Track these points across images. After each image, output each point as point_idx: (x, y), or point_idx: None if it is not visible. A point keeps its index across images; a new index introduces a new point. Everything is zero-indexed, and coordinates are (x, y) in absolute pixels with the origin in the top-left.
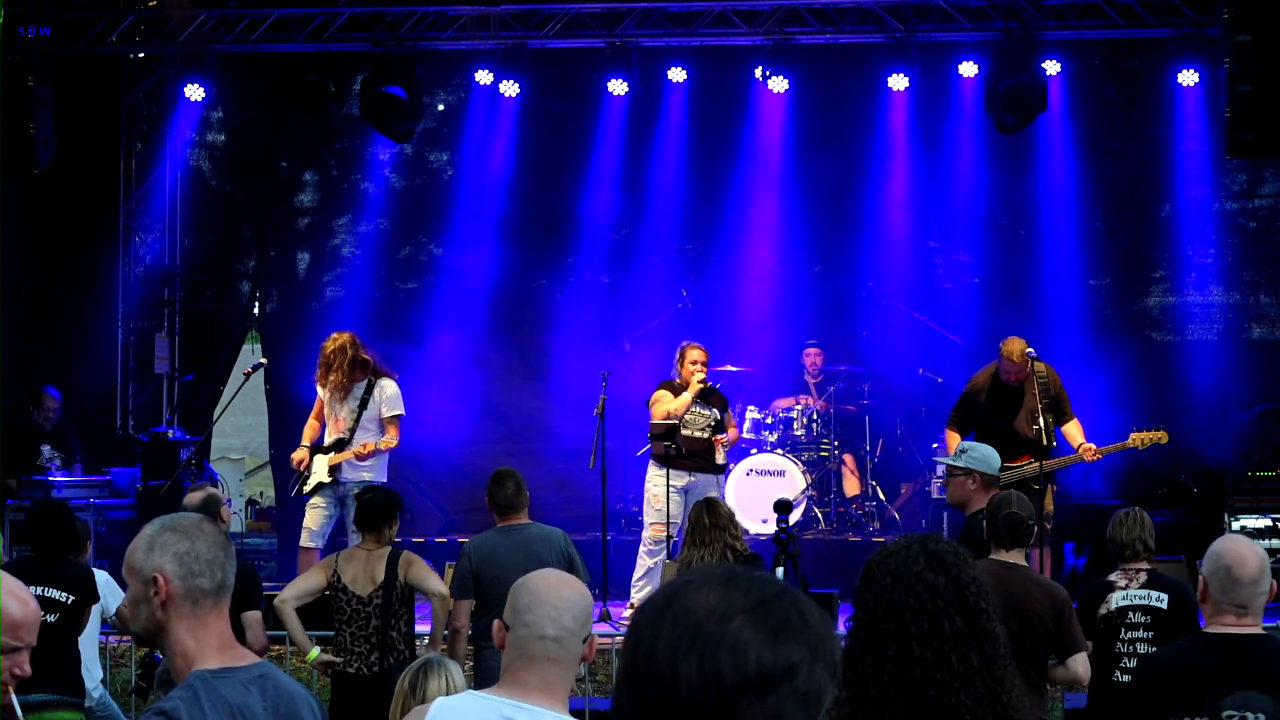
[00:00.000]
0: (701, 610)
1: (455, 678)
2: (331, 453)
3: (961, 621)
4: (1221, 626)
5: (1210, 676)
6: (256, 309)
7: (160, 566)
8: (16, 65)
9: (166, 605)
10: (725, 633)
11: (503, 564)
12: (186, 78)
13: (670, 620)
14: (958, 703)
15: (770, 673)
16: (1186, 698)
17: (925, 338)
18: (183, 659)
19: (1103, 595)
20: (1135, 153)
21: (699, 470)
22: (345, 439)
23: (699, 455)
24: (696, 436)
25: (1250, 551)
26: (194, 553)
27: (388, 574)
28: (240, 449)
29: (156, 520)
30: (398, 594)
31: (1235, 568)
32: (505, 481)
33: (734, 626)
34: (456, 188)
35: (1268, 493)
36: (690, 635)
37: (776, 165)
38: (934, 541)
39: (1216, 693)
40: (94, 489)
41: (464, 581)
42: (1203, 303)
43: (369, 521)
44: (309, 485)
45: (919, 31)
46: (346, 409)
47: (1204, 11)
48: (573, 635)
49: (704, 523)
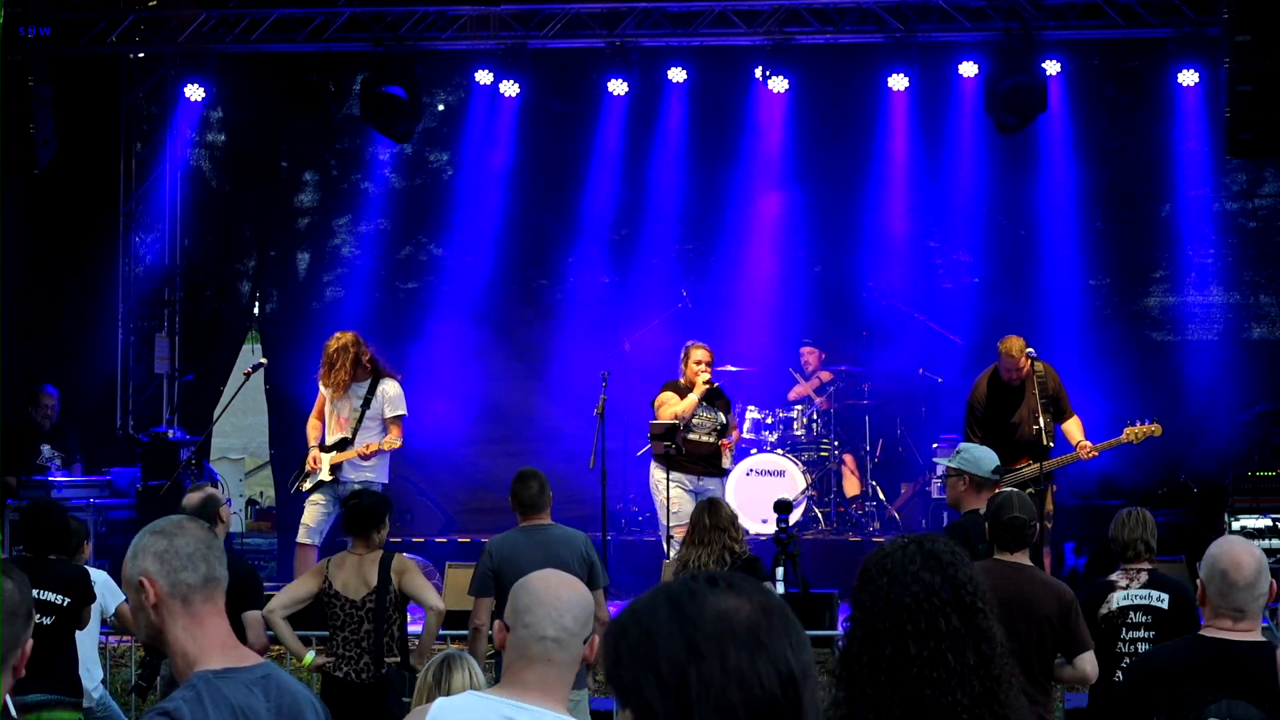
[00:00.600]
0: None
1: (478, 674)
2: (334, 451)
3: (958, 620)
4: (1217, 630)
5: (1200, 681)
6: (256, 309)
7: (144, 570)
8: (16, 65)
9: (158, 607)
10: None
11: (523, 564)
12: (186, 78)
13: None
14: (954, 701)
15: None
16: (1173, 700)
17: (925, 338)
18: (184, 660)
19: (1104, 595)
20: (1135, 153)
21: (705, 474)
22: (348, 438)
23: (704, 460)
24: (702, 441)
25: (1246, 554)
26: (172, 549)
27: (380, 579)
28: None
29: (142, 530)
30: (391, 599)
31: (1231, 572)
32: (529, 481)
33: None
34: (456, 188)
35: (1268, 493)
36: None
37: (776, 165)
38: (930, 541)
39: (1203, 698)
40: (94, 489)
41: (485, 580)
42: (1203, 303)
43: (357, 527)
44: (310, 482)
45: (919, 31)
46: (349, 408)
47: (1204, 11)
48: (573, 636)
49: (704, 523)
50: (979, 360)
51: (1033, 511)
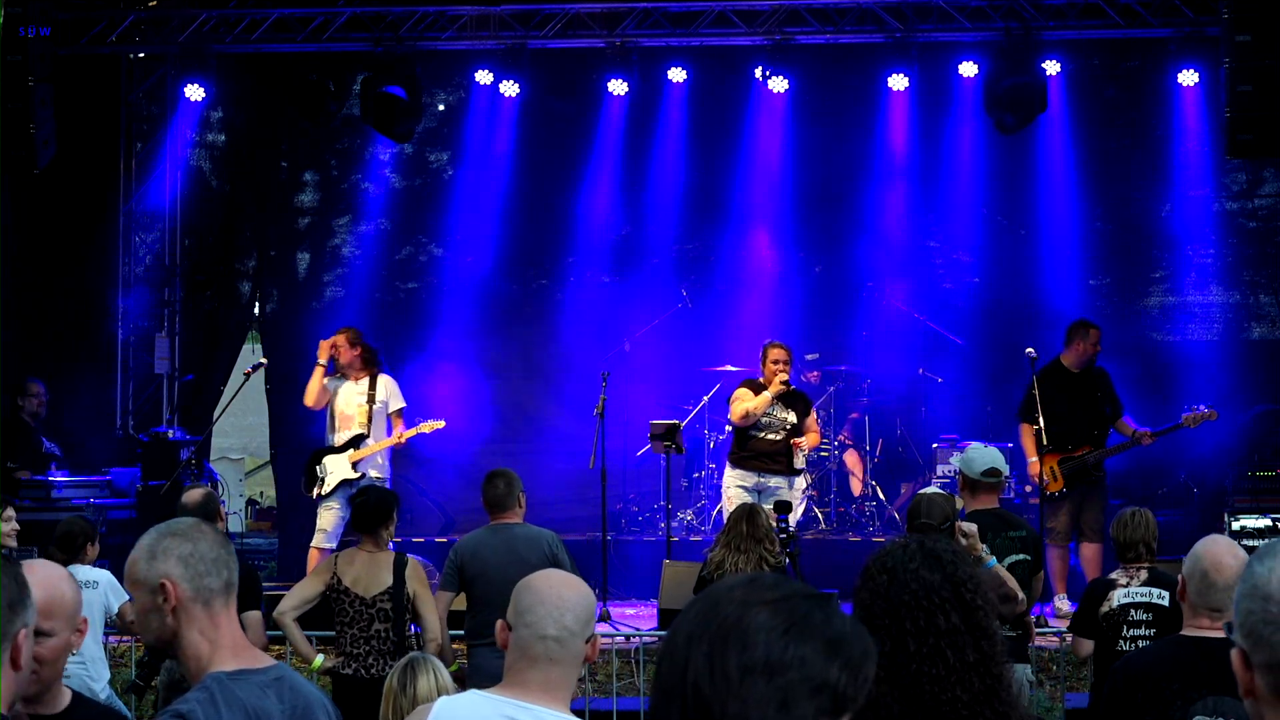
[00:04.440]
0: (724, 601)
1: (443, 675)
2: (350, 449)
3: (958, 618)
4: (1197, 629)
5: (1183, 680)
6: (256, 309)
7: (167, 573)
8: (16, 65)
9: (178, 611)
10: (740, 619)
11: (486, 561)
12: (186, 78)
13: (695, 611)
14: (954, 697)
15: (778, 660)
16: (1158, 701)
17: (925, 338)
18: (196, 663)
19: (1104, 593)
20: (1135, 153)
21: (769, 472)
22: (364, 434)
23: (770, 457)
24: (770, 438)
25: (1228, 554)
26: (197, 553)
27: (395, 580)
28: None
29: (151, 530)
30: (408, 601)
31: (1212, 571)
32: (495, 481)
33: (750, 614)
34: (456, 188)
35: (1268, 493)
36: (707, 621)
37: (776, 165)
38: (932, 541)
39: (1188, 697)
40: (94, 489)
41: (448, 576)
42: (1203, 303)
43: (366, 524)
44: (329, 485)
45: (919, 31)
46: (354, 404)
47: (1204, 11)
48: (574, 636)
49: (741, 530)
50: (979, 360)
51: (946, 513)
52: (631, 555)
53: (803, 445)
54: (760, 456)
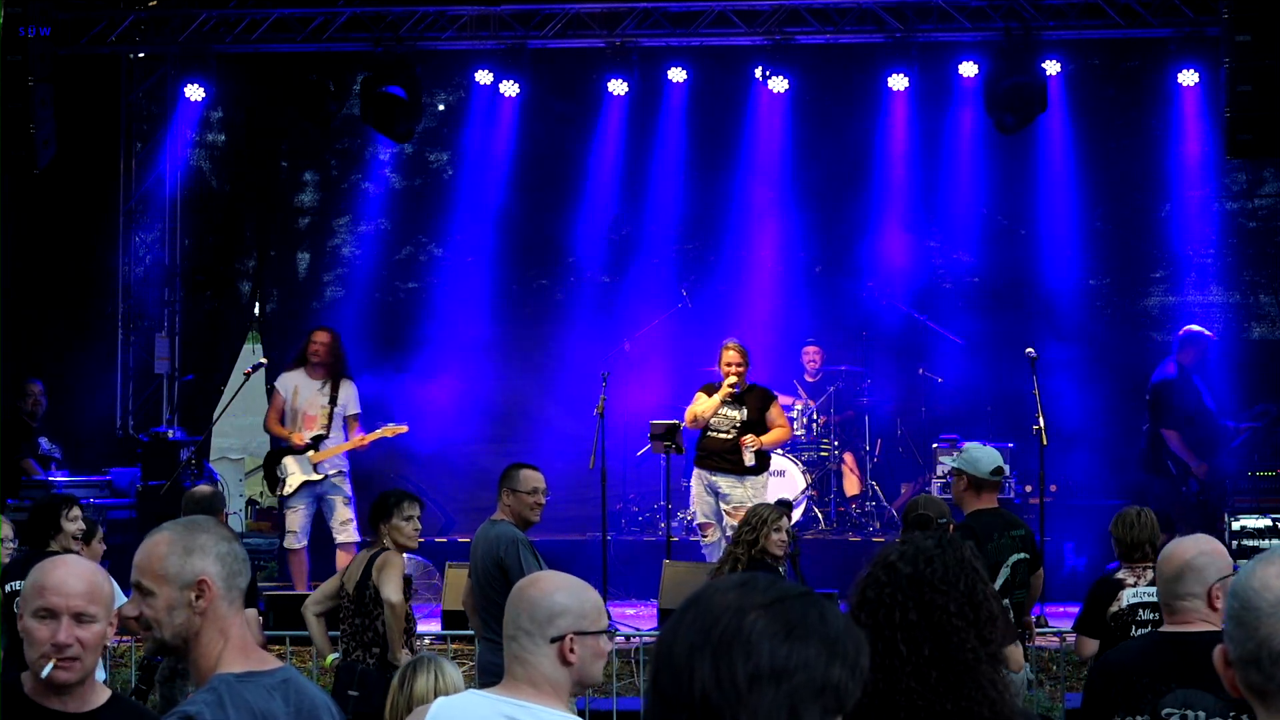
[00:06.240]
0: (719, 608)
1: (448, 675)
2: (310, 450)
3: (915, 615)
4: (1170, 625)
5: (1155, 675)
6: (256, 309)
7: (205, 570)
8: (16, 65)
9: (207, 609)
10: (740, 627)
11: (477, 555)
12: (186, 78)
13: (689, 619)
14: (908, 688)
15: (783, 666)
16: (1129, 697)
17: (925, 338)
18: (207, 661)
19: (1113, 593)
20: (1135, 153)
21: (720, 470)
22: (323, 435)
23: (720, 455)
24: (718, 437)
25: (1178, 548)
26: (232, 552)
27: (363, 573)
28: (240, 449)
29: (171, 526)
30: (370, 594)
31: (1162, 564)
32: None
33: (748, 621)
34: (456, 188)
35: (1268, 493)
36: (706, 631)
37: (776, 165)
38: (925, 538)
39: (1158, 691)
40: (94, 489)
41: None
42: (1203, 303)
43: (369, 521)
44: (291, 487)
45: (919, 31)
46: (317, 406)
47: (1204, 11)
48: (530, 635)
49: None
50: (979, 360)
51: (942, 510)
52: (631, 555)
53: (749, 443)
54: (712, 455)
